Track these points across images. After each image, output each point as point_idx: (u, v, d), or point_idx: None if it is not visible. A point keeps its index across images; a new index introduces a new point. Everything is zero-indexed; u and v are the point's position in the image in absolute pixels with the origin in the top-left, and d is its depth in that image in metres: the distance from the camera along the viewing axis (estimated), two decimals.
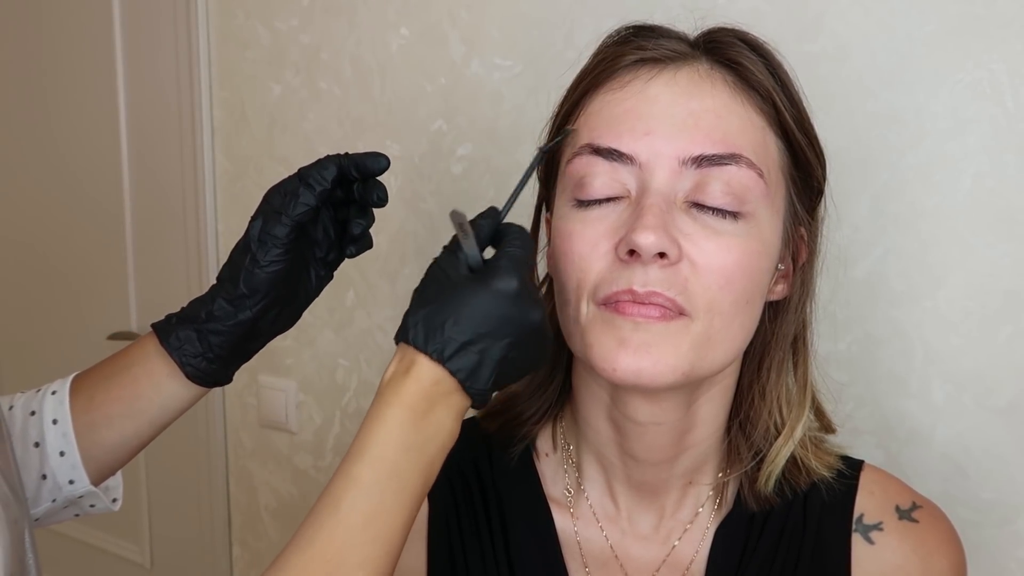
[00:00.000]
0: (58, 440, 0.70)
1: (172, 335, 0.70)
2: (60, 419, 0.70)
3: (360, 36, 1.23)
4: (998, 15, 0.81)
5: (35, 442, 0.70)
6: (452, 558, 0.70)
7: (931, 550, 0.66)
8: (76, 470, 0.70)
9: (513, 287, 0.55)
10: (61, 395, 0.71)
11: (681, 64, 0.61)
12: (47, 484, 0.70)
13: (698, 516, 0.69)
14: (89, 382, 0.72)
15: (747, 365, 0.67)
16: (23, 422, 0.70)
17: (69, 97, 1.63)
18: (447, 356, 0.54)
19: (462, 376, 0.54)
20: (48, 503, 0.71)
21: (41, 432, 0.70)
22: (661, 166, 0.59)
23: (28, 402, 0.71)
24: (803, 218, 0.65)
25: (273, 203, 0.68)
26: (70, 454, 0.70)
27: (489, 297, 0.54)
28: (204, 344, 0.70)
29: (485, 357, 0.55)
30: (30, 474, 0.69)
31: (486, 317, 0.54)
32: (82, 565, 1.80)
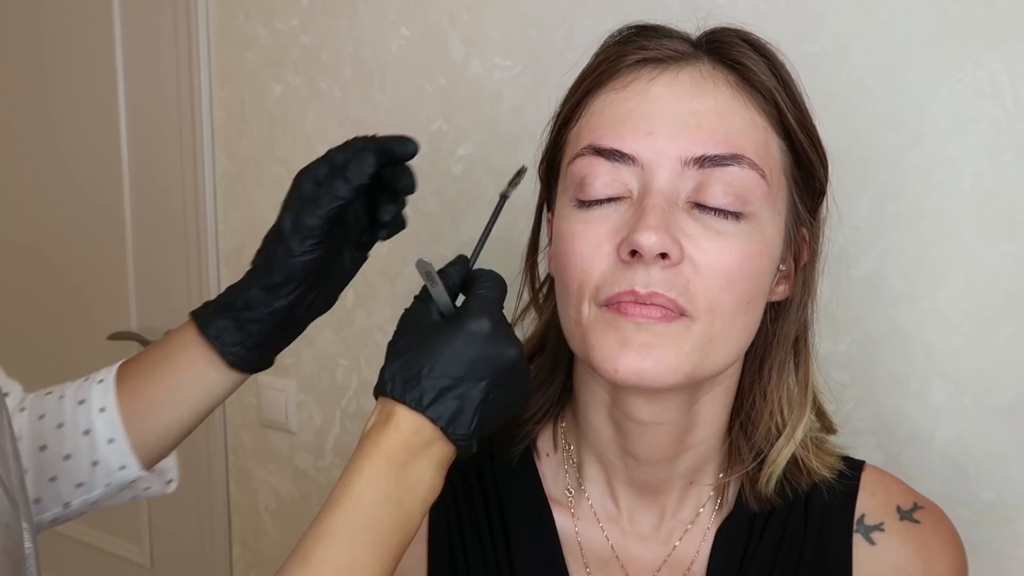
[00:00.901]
0: (106, 428, 0.71)
1: (211, 324, 0.70)
2: (107, 407, 0.72)
3: (360, 36, 1.23)
4: (998, 15, 0.81)
5: (85, 430, 0.71)
6: (453, 558, 0.70)
7: (932, 551, 0.66)
8: (126, 456, 0.72)
9: (485, 328, 0.55)
10: (107, 384, 0.72)
11: (683, 64, 0.61)
12: (99, 470, 0.72)
13: (699, 516, 0.69)
14: (133, 371, 0.73)
15: (748, 365, 0.67)
16: (73, 410, 0.72)
17: (69, 97, 1.63)
18: (426, 404, 0.54)
19: (443, 423, 0.55)
20: (102, 488, 0.73)
21: (90, 420, 0.71)
22: (663, 166, 0.58)
23: (77, 391, 0.73)
24: (805, 219, 0.65)
25: (304, 190, 0.68)
26: (119, 441, 0.71)
27: (462, 340, 0.55)
28: (243, 332, 0.70)
29: (465, 401, 0.55)
30: (82, 461, 0.71)
31: (461, 361, 0.55)
32: (82, 565, 1.80)
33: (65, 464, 0.72)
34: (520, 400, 0.60)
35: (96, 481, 0.72)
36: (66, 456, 0.72)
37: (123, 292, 1.61)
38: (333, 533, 0.52)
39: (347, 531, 0.52)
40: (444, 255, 1.18)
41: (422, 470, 0.55)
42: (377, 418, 0.56)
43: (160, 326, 1.57)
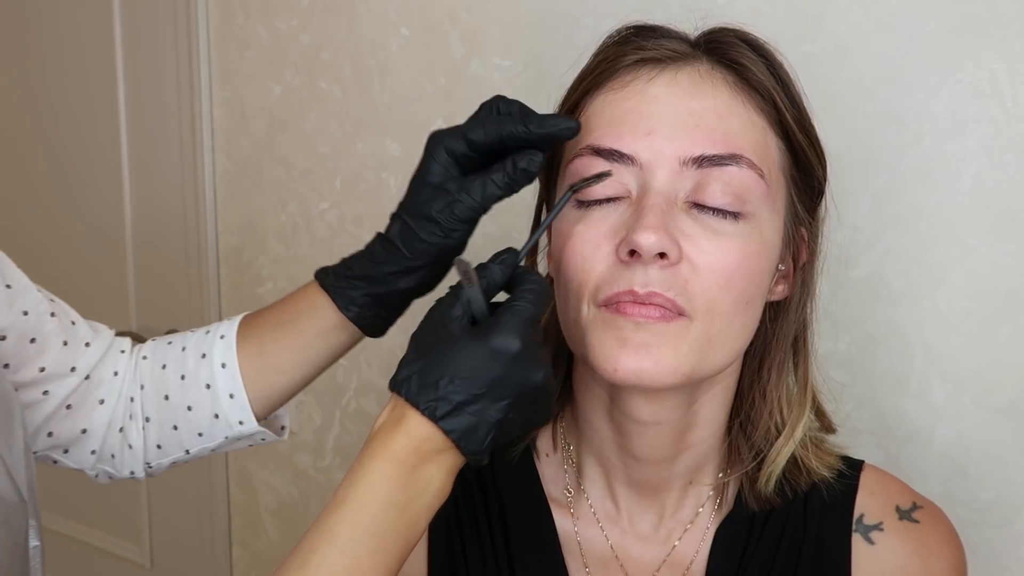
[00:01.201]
0: (227, 383, 0.74)
1: (349, 300, 0.71)
2: (228, 363, 0.74)
3: (360, 36, 1.23)
4: (998, 15, 0.81)
5: (207, 384, 0.74)
6: (452, 559, 0.70)
7: (931, 550, 0.66)
8: (245, 411, 0.74)
9: (515, 348, 0.53)
10: (229, 340, 0.75)
11: (682, 64, 0.61)
12: (219, 423, 0.75)
13: (698, 516, 0.69)
14: (258, 329, 0.75)
15: (748, 365, 0.67)
16: (196, 363, 0.75)
17: (69, 97, 1.63)
18: (440, 415, 0.52)
19: (456, 436, 0.53)
20: (222, 439, 0.75)
21: (212, 375, 0.74)
22: (662, 166, 0.58)
23: (199, 344, 0.76)
24: (804, 218, 0.65)
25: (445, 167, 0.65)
26: (238, 396, 0.74)
27: (488, 357, 0.52)
28: (381, 304, 0.71)
29: (482, 419, 0.53)
30: (204, 413, 0.74)
31: (483, 378, 0.52)
32: (82, 565, 1.80)
33: (188, 415, 0.75)
34: (539, 420, 0.58)
35: (216, 433, 0.75)
36: (188, 407, 0.74)
37: (123, 292, 1.61)
38: (334, 537, 0.51)
39: (349, 535, 0.51)
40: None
41: (430, 475, 0.53)
42: (388, 417, 0.54)
43: (160, 326, 1.57)
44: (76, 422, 0.74)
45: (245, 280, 1.45)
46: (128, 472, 0.78)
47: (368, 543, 0.51)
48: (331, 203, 1.31)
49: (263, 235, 1.41)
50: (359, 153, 1.26)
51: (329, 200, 1.31)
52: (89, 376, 0.74)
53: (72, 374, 0.73)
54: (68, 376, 0.73)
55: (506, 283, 0.58)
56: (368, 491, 0.52)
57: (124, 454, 0.76)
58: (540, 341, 0.56)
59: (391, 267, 0.69)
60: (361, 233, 1.28)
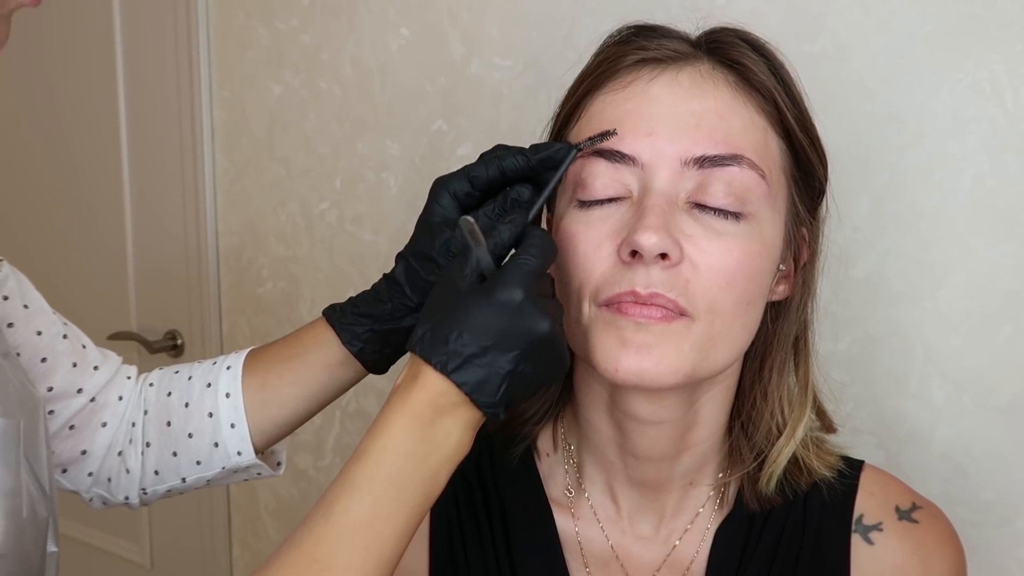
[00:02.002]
0: (230, 413, 0.75)
1: (353, 336, 0.73)
2: (232, 394, 0.75)
3: (360, 36, 1.23)
4: (998, 15, 0.81)
5: (209, 412, 0.75)
6: (453, 559, 0.70)
7: (931, 551, 0.66)
8: (244, 442, 0.75)
9: (516, 299, 0.53)
10: (235, 371, 0.76)
11: (683, 64, 0.61)
12: (218, 452, 0.76)
13: (699, 516, 0.69)
14: (264, 362, 0.76)
15: (748, 365, 0.67)
16: (200, 392, 0.76)
17: (69, 97, 1.63)
18: (451, 369, 0.53)
19: (468, 389, 0.54)
20: (219, 469, 0.76)
21: (215, 403, 0.75)
22: (663, 167, 0.59)
23: (205, 374, 0.77)
24: (805, 218, 0.65)
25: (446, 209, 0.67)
26: (240, 427, 0.75)
27: (492, 310, 0.54)
28: (383, 342, 0.73)
29: (492, 371, 0.54)
30: (204, 441, 0.75)
31: (490, 330, 0.53)
32: (82, 565, 1.80)
33: (188, 442, 0.76)
34: (554, 372, 0.58)
35: (214, 462, 0.76)
36: (189, 434, 0.76)
37: (123, 292, 1.61)
38: (355, 486, 0.52)
39: (369, 486, 0.52)
40: None
41: (448, 429, 0.54)
42: (406, 374, 0.56)
43: (160, 326, 1.57)
44: (77, 443, 0.76)
45: (245, 280, 1.45)
46: (123, 497, 0.79)
47: (388, 493, 0.52)
48: (331, 203, 1.31)
49: (263, 235, 1.41)
50: (359, 153, 1.26)
51: (329, 200, 1.31)
52: (95, 399, 0.76)
53: (78, 395, 0.75)
54: (74, 397, 0.75)
55: (514, 242, 0.59)
56: (388, 444, 0.53)
57: (121, 478, 0.78)
58: (547, 293, 0.57)
59: (395, 305, 0.71)
60: (361, 233, 1.28)
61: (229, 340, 1.49)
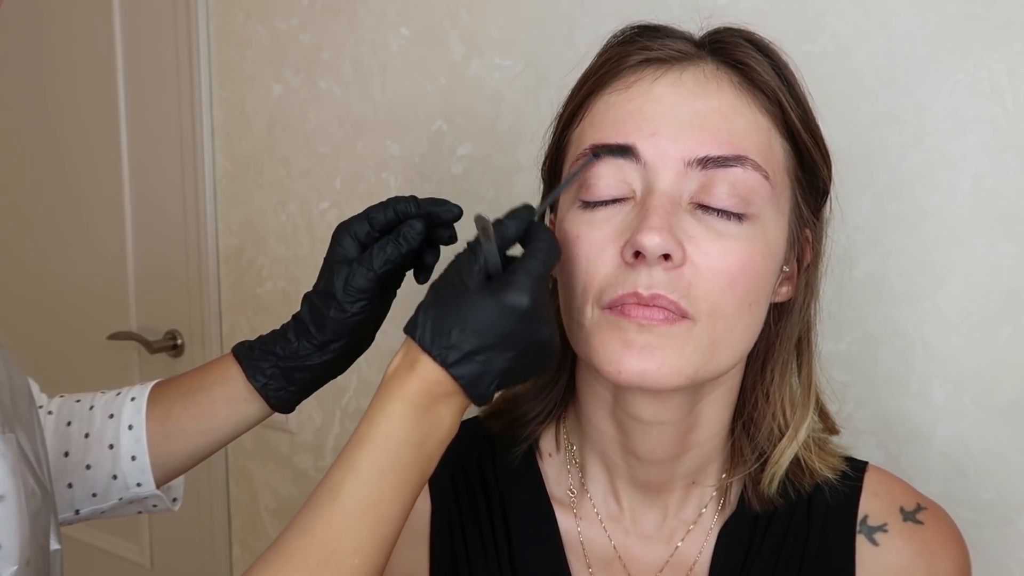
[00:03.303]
0: (131, 445, 0.75)
1: (256, 369, 0.74)
2: (135, 426, 0.75)
3: (360, 36, 1.23)
4: (998, 15, 0.81)
5: (110, 444, 0.75)
6: (455, 559, 0.70)
7: (935, 551, 0.66)
8: (144, 474, 0.75)
9: (524, 304, 0.55)
10: (139, 403, 0.76)
11: (687, 64, 0.61)
12: (117, 483, 0.75)
13: (701, 517, 0.69)
14: (168, 395, 0.77)
15: (751, 366, 0.67)
16: (102, 423, 0.75)
17: (69, 97, 1.63)
18: (450, 362, 0.55)
19: (464, 382, 0.55)
20: (116, 500, 0.76)
21: (117, 435, 0.75)
22: (666, 167, 0.58)
23: (108, 405, 0.76)
24: (808, 219, 0.65)
25: (348, 248, 0.70)
26: (140, 459, 0.75)
27: (498, 311, 0.55)
28: (288, 379, 0.74)
29: (488, 367, 0.56)
30: (102, 473, 0.75)
31: (493, 330, 0.55)
32: (82, 565, 1.80)
33: (85, 473, 0.75)
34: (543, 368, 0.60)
35: (111, 494, 0.75)
36: (88, 466, 0.75)
37: (123, 292, 1.61)
38: (359, 471, 0.54)
39: (373, 470, 0.54)
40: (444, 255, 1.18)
41: (441, 415, 0.56)
42: (402, 361, 0.57)
43: (160, 326, 1.57)
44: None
45: (245, 280, 1.45)
46: None
47: (390, 477, 0.54)
48: (331, 203, 1.31)
49: (263, 235, 1.40)
50: (359, 153, 1.26)
51: (329, 200, 1.31)
52: None
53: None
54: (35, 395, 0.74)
55: (520, 238, 0.60)
56: (388, 430, 0.55)
57: None
58: (547, 299, 0.58)
59: (300, 344, 0.73)
60: None
61: (229, 340, 1.48)
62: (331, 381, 0.79)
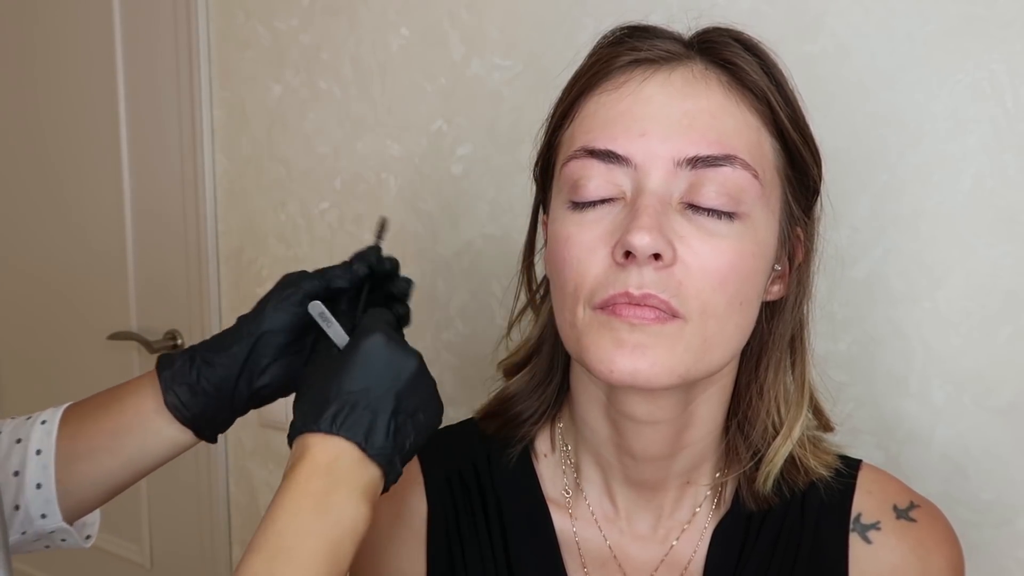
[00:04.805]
0: (38, 472, 0.67)
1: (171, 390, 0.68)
2: (44, 450, 0.68)
3: (360, 36, 1.23)
4: (998, 15, 0.81)
5: (15, 471, 0.67)
6: (451, 559, 0.70)
7: (929, 549, 0.66)
8: (50, 504, 0.68)
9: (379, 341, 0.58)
10: (50, 425, 0.69)
11: (676, 65, 0.61)
12: (19, 515, 0.68)
13: (696, 516, 0.69)
14: (81, 411, 0.70)
15: (745, 364, 0.67)
16: (8, 449, 0.68)
17: (69, 98, 1.63)
18: (339, 424, 0.55)
19: (359, 439, 0.55)
20: (18, 534, 0.68)
21: (23, 461, 0.67)
22: (656, 167, 0.58)
23: (17, 429, 0.69)
24: (799, 218, 0.65)
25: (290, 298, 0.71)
26: (46, 487, 0.67)
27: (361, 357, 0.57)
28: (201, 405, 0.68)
29: (377, 413, 0.56)
30: (4, 503, 0.67)
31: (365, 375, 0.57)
32: (82, 565, 1.80)
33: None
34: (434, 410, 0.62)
35: (13, 527, 0.68)
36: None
37: (123, 292, 1.61)
38: None
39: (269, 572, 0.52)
40: (443, 255, 1.18)
41: (344, 500, 0.55)
42: (293, 457, 0.57)
43: (160, 326, 1.57)
44: None
45: (245, 280, 1.45)
46: None
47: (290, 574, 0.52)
48: (331, 203, 1.31)
49: (263, 235, 1.41)
50: (359, 153, 1.26)
51: (329, 200, 1.31)
52: None
53: None
54: None
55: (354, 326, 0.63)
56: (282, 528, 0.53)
57: None
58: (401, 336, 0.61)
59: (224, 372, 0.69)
60: (361, 233, 1.28)
61: None
62: None
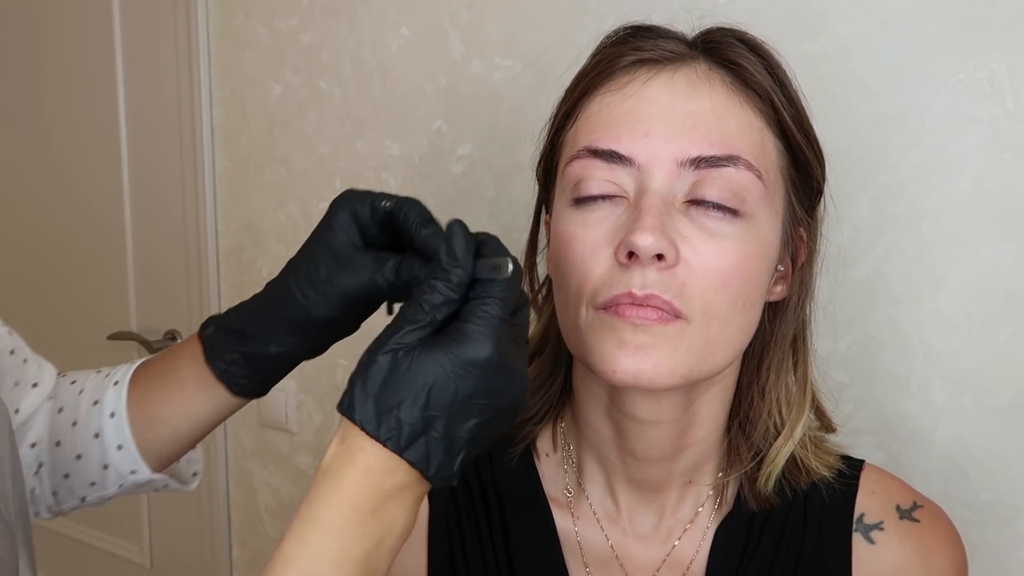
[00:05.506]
0: (115, 434, 0.70)
1: (217, 355, 0.66)
2: (117, 412, 0.70)
3: (360, 36, 1.23)
4: (998, 15, 0.81)
5: (95, 433, 0.70)
6: (452, 559, 0.70)
7: (932, 550, 0.66)
8: (136, 462, 0.70)
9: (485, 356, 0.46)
10: (121, 387, 0.71)
11: (679, 65, 0.61)
12: (110, 472, 0.71)
13: (698, 516, 0.69)
14: (146, 376, 0.71)
15: (747, 365, 0.67)
16: (87, 411, 0.71)
17: (69, 97, 1.63)
18: (404, 445, 0.46)
19: (423, 467, 0.47)
20: (116, 487, 0.72)
21: (100, 424, 0.70)
22: (659, 167, 0.58)
23: (95, 389, 0.72)
24: (802, 219, 0.65)
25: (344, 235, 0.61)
26: (127, 448, 0.70)
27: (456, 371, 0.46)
28: (249, 367, 0.66)
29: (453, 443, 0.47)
30: (93, 462, 0.70)
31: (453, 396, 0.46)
32: (82, 565, 1.80)
33: (77, 463, 0.71)
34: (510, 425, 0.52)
35: (108, 482, 0.71)
36: (78, 456, 0.71)
37: (123, 292, 1.61)
38: None
39: None
40: None
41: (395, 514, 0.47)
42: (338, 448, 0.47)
43: (160, 326, 1.57)
44: None
45: (245, 280, 1.45)
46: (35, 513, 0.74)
47: None
48: None
49: (263, 235, 1.41)
50: (359, 153, 1.26)
51: (329, 200, 1.30)
52: (28, 418, 0.71)
53: (15, 415, 0.70)
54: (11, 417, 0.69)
55: None
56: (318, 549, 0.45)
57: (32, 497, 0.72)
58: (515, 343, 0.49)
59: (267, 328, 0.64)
60: None
61: None
62: (331, 380, 0.77)
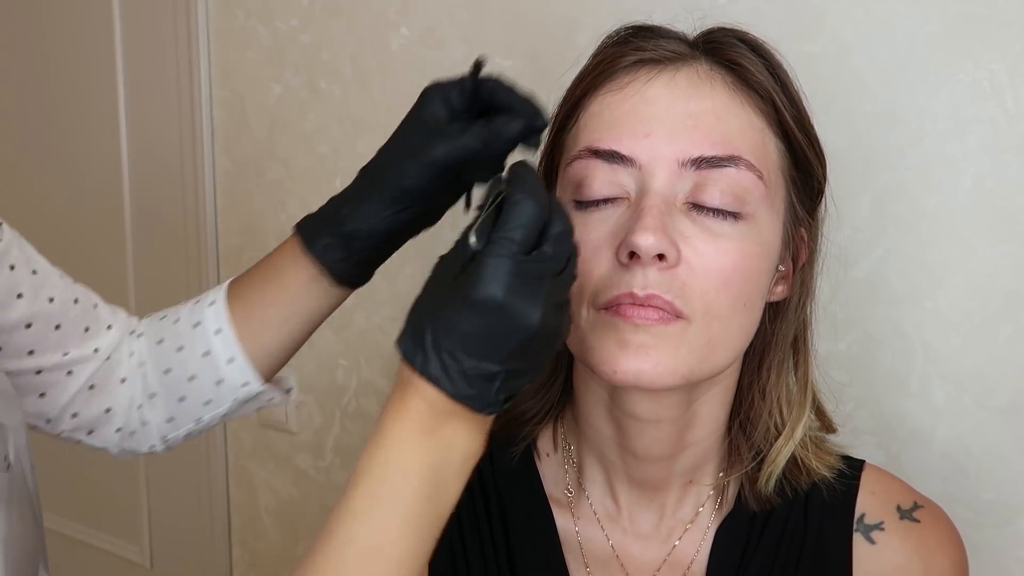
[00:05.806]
0: (224, 348, 0.74)
1: (315, 241, 0.71)
2: (222, 328, 0.74)
3: (360, 36, 1.23)
4: (998, 15, 0.81)
5: (204, 352, 0.74)
6: (453, 558, 0.70)
7: (932, 550, 0.66)
8: (247, 373, 0.74)
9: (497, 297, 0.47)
10: (219, 305, 0.74)
11: (680, 65, 0.61)
12: (224, 387, 0.75)
13: (699, 516, 0.69)
14: (244, 289, 0.75)
15: (747, 365, 0.67)
16: (190, 333, 0.75)
17: (69, 97, 1.63)
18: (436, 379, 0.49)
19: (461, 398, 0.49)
20: (229, 403, 0.76)
21: (208, 343, 0.74)
22: (661, 168, 0.58)
23: (191, 314, 0.75)
24: (803, 219, 0.65)
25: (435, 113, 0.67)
26: (237, 360, 0.74)
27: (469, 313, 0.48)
28: (347, 250, 0.70)
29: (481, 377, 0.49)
30: (206, 380, 0.74)
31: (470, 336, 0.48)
32: (82, 565, 1.80)
33: (191, 385, 0.75)
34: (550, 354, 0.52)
35: (223, 398, 0.75)
36: (191, 377, 0.74)
37: (123, 292, 1.61)
38: (357, 511, 0.49)
39: (371, 507, 0.48)
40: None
41: (453, 433, 0.49)
42: (398, 378, 0.51)
43: None
44: (101, 401, 0.76)
45: None
46: (148, 447, 0.79)
47: (393, 514, 0.48)
48: None
49: (263, 235, 1.40)
50: (359, 153, 1.26)
51: None
52: (110, 357, 0.76)
53: (95, 355, 0.75)
54: (91, 358, 0.74)
55: None
56: (389, 459, 0.49)
57: (140, 431, 0.78)
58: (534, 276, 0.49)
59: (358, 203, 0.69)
60: None
61: None
62: (331, 380, 0.78)
